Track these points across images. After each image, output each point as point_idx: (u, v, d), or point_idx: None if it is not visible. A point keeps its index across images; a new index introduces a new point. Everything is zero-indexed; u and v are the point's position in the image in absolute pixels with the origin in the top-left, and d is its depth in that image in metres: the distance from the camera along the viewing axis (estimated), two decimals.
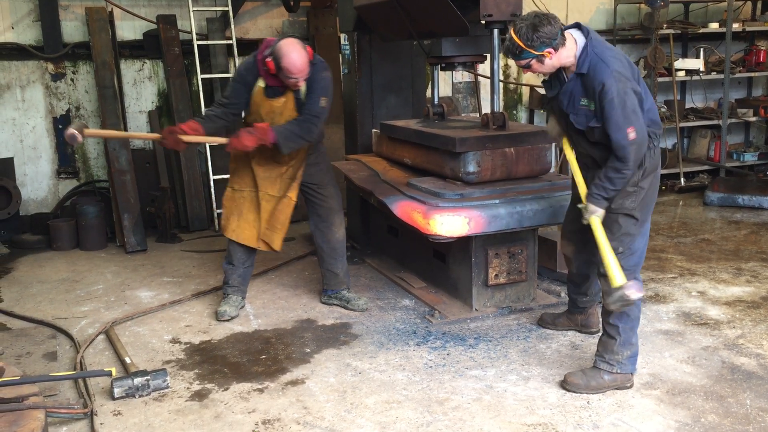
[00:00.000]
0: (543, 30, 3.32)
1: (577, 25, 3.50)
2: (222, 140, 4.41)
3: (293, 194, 4.61)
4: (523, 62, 3.44)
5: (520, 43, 3.36)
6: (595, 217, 3.50)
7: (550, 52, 3.37)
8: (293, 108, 4.41)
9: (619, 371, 3.59)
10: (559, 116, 3.68)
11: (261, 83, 4.37)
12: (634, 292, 3.38)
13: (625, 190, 3.49)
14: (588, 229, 3.71)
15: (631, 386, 3.64)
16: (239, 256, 4.73)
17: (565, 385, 3.64)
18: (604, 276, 3.55)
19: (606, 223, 3.53)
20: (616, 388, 3.62)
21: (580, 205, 3.61)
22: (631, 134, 3.31)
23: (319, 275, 4.98)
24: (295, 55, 4.15)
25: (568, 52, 3.41)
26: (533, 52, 3.36)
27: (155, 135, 4.75)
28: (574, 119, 3.51)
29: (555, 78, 3.58)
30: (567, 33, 3.43)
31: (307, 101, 4.37)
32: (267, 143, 4.30)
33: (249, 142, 4.28)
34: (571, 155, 3.74)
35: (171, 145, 4.32)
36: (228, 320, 4.63)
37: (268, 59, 4.22)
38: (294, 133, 4.33)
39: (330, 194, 4.71)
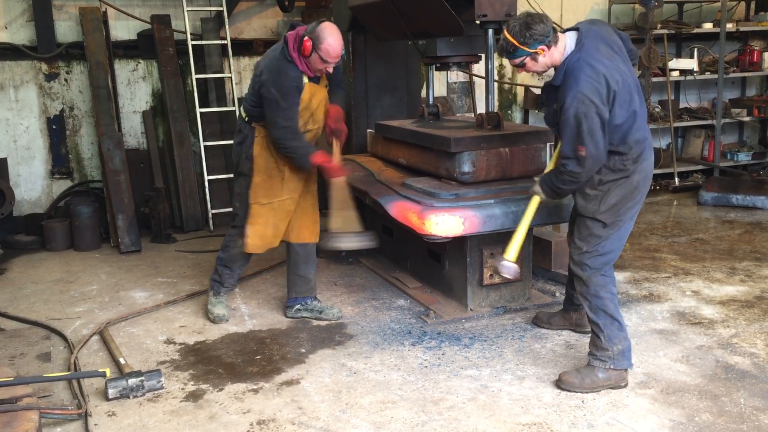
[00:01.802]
0: (536, 28, 3.37)
1: (577, 29, 3.52)
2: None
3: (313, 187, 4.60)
4: (517, 60, 3.48)
5: (514, 41, 3.41)
6: (536, 197, 3.71)
7: (543, 50, 3.41)
8: (325, 86, 4.40)
9: (612, 367, 3.60)
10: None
11: (305, 79, 4.20)
12: (505, 271, 3.72)
13: (583, 192, 3.56)
14: None
15: (625, 385, 3.65)
16: (240, 263, 4.67)
17: (560, 384, 3.65)
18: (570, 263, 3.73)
19: (577, 223, 3.69)
20: (611, 387, 3.62)
21: (536, 177, 3.80)
22: (581, 152, 3.37)
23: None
24: (335, 38, 4.04)
25: (560, 51, 3.46)
26: (527, 49, 3.41)
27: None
28: (545, 114, 3.68)
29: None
30: (561, 34, 3.49)
31: (335, 76, 4.40)
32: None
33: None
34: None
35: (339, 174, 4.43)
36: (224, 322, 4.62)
37: (306, 38, 4.04)
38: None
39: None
